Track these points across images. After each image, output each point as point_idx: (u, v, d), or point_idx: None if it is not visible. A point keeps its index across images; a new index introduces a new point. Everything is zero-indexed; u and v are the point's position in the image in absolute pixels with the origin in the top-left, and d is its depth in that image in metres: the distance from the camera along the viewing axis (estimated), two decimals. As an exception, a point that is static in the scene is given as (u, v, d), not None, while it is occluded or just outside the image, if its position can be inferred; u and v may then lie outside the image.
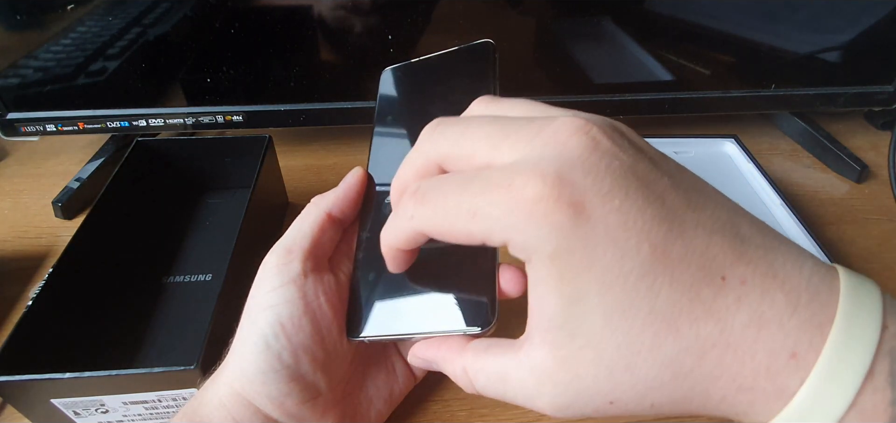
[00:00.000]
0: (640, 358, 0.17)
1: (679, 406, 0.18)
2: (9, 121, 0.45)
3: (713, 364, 0.16)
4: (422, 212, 0.19)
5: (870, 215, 0.47)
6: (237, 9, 0.42)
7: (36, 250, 0.42)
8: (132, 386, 0.27)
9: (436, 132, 0.21)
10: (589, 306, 0.17)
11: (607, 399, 0.18)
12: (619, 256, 0.16)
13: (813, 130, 0.53)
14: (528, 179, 0.17)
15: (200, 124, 0.47)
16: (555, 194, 0.16)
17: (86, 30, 0.42)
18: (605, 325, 0.17)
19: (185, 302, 0.36)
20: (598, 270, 0.16)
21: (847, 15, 0.45)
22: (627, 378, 0.17)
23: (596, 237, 0.16)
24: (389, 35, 0.43)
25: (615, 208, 0.16)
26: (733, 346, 0.16)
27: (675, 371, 0.17)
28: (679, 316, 0.16)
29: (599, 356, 0.17)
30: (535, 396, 0.19)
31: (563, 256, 0.17)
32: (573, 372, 0.18)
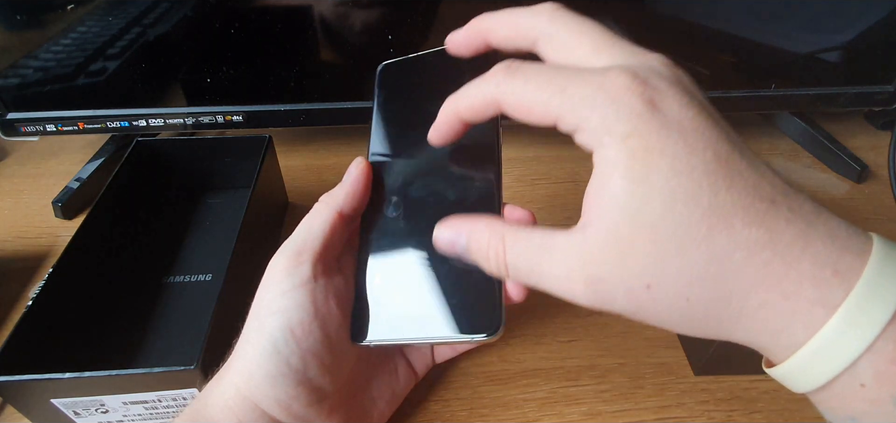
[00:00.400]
0: (693, 245, 0.18)
1: (713, 307, 0.18)
2: (9, 121, 0.45)
3: (761, 265, 0.17)
4: (510, 82, 0.21)
5: (870, 214, 0.47)
6: (237, 9, 0.42)
7: (36, 250, 0.42)
8: (132, 386, 0.27)
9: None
10: (653, 188, 0.18)
11: (645, 282, 0.18)
12: (688, 151, 0.18)
13: (813, 130, 0.53)
14: (620, 73, 0.19)
15: (200, 124, 0.47)
16: (640, 89, 0.18)
17: (86, 30, 0.42)
18: (665, 209, 0.18)
19: (185, 302, 0.36)
20: (668, 157, 0.18)
21: (847, 15, 0.45)
22: (675, 263, 0.18)
23: (669, 130, 0.18)
24: (389, 35, 0.43)
25: (689, 117, 0.18)
26: (781, 253, 0.17)
27: (723, 267, 0.18)
28: (734, 216, 0.17)
29: (654, 237, 0.18)
30: (573, 271, 0.19)
31: (637, 137, 0.18)
32: (623, 250, 0.18)
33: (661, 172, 0.18)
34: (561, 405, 0.32)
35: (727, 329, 0.19)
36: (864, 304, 0.17)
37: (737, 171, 0.18)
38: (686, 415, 0.31)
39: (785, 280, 0.17)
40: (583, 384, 0.33)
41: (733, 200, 0.18)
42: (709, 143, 0.18)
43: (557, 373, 0.34)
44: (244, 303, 0.25)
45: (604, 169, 0.19)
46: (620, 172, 0.18)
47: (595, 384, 0.33)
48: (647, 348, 0.35)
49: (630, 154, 0.18)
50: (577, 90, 0.19)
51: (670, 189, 0.18)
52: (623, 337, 0.36)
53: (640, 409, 0.32)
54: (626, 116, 0.18)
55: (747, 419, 0.31)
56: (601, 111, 0.18)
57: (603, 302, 0.20)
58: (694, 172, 0.18)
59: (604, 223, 0.19)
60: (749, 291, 0.18)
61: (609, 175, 0.19)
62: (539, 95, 0.20)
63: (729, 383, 0.33)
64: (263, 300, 0.24)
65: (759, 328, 0.18)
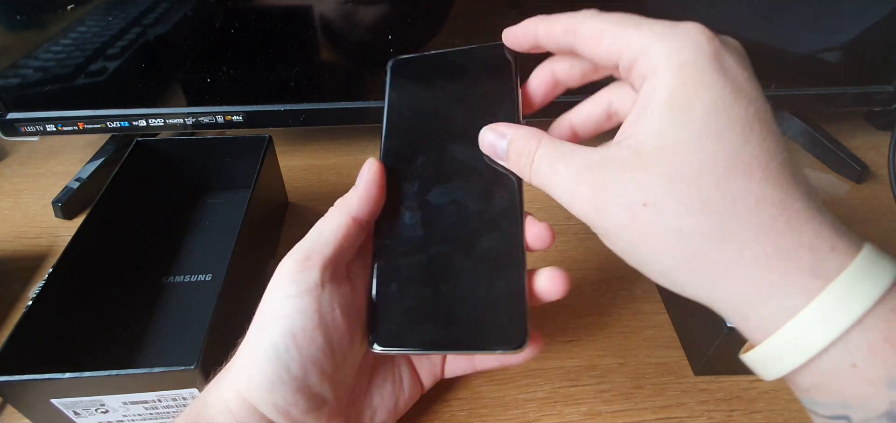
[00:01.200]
0: (708, 178, 0.18)
1: (705, 248, 0.19)
2: (9, 121, 0.45)
3: (766, 219, 0.18)
4: (594, 15, 0.22)
5: (870, 214, 0.47)
6: (237, 9, 0.42)
7: (36, 250, 0.42)
8: (132, 386, 0.27)
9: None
10: (691, 116, 0.19)
11: (644, 200, 0.19)
12: (734, 97, 0.19)
13: (813, 130, 0.53)
14: (695, 25, 0.20)
15: (200, 124, 0.47)
16: (711, 38, 0.20)
17: (86, 30, 0.42)
18: (693, 138, 0.19)
19: (185, 302, 0.36)
20: (714, 95, 0.19)
21: (847, 15, 0.45)
22: (682, 189, 0.19)
23: (724, 76, 0.19)
24: (389, 35, 0.43)
25: (744, 76, 0.20)
26: (788, 217, 0.18)
27: (728, 209, 0.18)
28: (755, 168, 0.18)
29: (672, 159, 0.19)
30: (583, 173, 0.21)
31: (692, 68, 0.19)
32: (636, 164, 0.20)
33: (703, 104, 0.19)
34: (561, 405, 0.32)
35: (709, 283, 0.19)
36: (860, 276, 0.17)
37: (771, 132, 0.19)
38: (686, 415, 0.31)
39: (785, 241, 0.18)
40: (583, 384, 0.33)
41: (759, 154, 0.18)
42: (752, 100, 0.19)
43: (557, 373, 0.34)
44: (244, 303, 0.25)
45: (649, 93, 0.20)
46: (665, 94, 0.19)
47: (595, 384, 0.33)
48: (647, 348, 0.35)
49: (681, 80, 0.19)
50: (654, 25, 0.20)
51: (705, 121, 0.19)
52: (623, 337, 0.36)
53: (640, 409, 0.32)
54: (690, 51, 0.19)
55: (747, 419, 0.31)
56: (669, 43, 0.20)
57: (597, 210, 0.20)
58: (731, 118, 0.19)
59: (630, 139, 0.20)
60: (748, 241, 0.18)
61: (650, 97, 0.20)
62: (615, 26, 0.21)
63: (729, 383, 0.33)
64: (269, 303, 0.24)
65: (744, 289, 0.19)
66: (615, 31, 0.21)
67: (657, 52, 0.20)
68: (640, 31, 0.20)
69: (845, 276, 0.17)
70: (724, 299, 0.19)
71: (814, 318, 0.17)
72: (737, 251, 0.18)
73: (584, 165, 0.21)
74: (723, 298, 0.19)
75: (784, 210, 0.18)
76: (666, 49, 0.20)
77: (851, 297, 0.17)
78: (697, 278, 0.20)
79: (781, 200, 0.18)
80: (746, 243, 0.18)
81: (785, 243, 0.18)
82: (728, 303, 0.19)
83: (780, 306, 0.18)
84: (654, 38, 0.20)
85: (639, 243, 0.20)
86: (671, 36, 0.20)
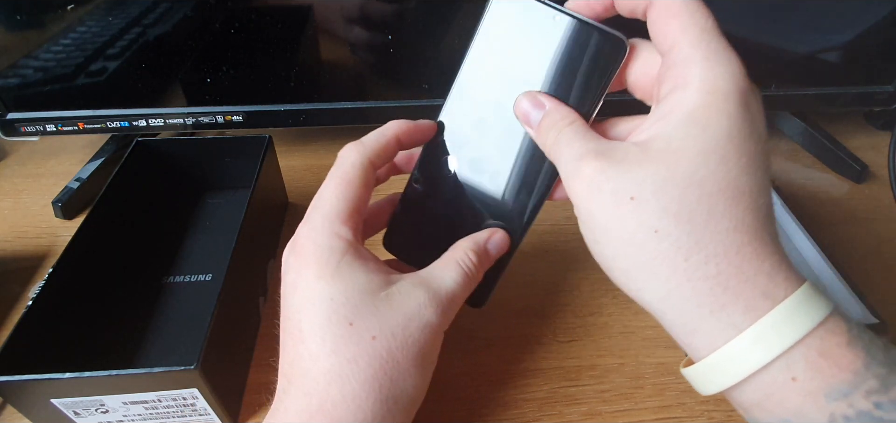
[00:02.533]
0: (699, 190, 0.20)
1: (673, 253, 0.20)
2: (9, 121, 0.45)
3: (736, 242, 0.19)
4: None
5: (870, 214, 0.47)
6: (237, 9, 0.42)
7: (36, 250, 0.42)
8: (132, 386, 0.27)
9: None
10: (707, 135, 0.20)
11: (632, 194, 0.20)
12: (748, 133, 0.20)
13: (813, 130, 0.53)
14: (735, 61, 0.21)
15: (200, 124, 0.47)
16: (743, 76, 0.20)
17: (86, 30, 0.42)
18: (702, 155, 0.20)
19: (185, 302, 0.36)
20: (732, 124, 0.20)
21: (847, 15, 0.45)
22: (672, 193, 0.20)
23: (745, 110, 0.20)
24: (389, 35, 0.43)
25: (761, 121, 0.21)
26: (755, 246, 0.20)
27: (707, 223, 0.19)
28: (742, 198, 0.20)
29: (675, 166, 0.20)
30: (589, 154, 0.21)
31: (722, 95, 0.20)
32: (640, 160, 0.20)
33: (721, 127, 0.20)
34: (561, 405, 0.32)
35: (666, 290, 0.20)
36: (804, 303, 0.19)
37: (767, 174, 0.21)
38: (686, 415, 0.31)
39: (747, 266, 0.19)
40: (583, 384, 0.33)
41: (751, 188, 0.20)
42: (762, 141, 0.20)
43: (557, 373, 0.34)
44: (244, 303, 0.25)
45: (674, 104, 0.21)
46: (688, 108, 0.20)
47: (595, 384, 0.33)
48: (647, 348, 0.35)
49: (707, 103, 0.20)
50: (710, 43, 0.21)
51: (717, 142, 0.20)
52: (623, 337, 0.36)
53: (640, 409, 0.32)
54: (725, 82, 0.20)
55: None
56: (711, 68, 0.20)
57: (589, 191, 0.21)
58: (743, 148, 0.20)
59: (642, 135, 0.21)
60: (714, 256, 0.19)
61: (674, 107, 0.21)
62: (686, 19, 0.21)
63: (729, 383, 0.33)
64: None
65: (699, 300, 0.20)
66: (684, 24, 0.21)
67: (696, 72, 0.20)
68: (697, 39, 0.21)
69: (793, 298, 0.19)
70: (676, 307, 0.20)
71: (761, 333, 0.19)
72: (701, 263, 0.19)
73: (594, 148, 0.22)
74: (676, 306, 0.20)
75: (754, 240, 0.20)
76: (704, 72, 0.20)
77: (796, 317, 0.19)
78: (657, 281, 0.20)
79: (755, 232, 0.20)
80: (712, 257, 0.19)
81: (747, 267, 0.19)
82: (679, 312, 0.20)
83: (730, 321, 0.19)
84: (701, 56, 0.20)
85: (614, 234, 0.21)
86: (715, 62, 0.20)
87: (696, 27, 0.21)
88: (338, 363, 0.22)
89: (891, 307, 0.38)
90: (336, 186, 0.25)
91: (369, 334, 0.22)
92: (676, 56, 0.21)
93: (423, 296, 0.24)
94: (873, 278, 0.40)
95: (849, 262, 0.42)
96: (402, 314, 0.23)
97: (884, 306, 0.37)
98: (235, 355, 0.32)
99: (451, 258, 0.26)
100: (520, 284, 0.39)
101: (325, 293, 0.23)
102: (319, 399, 0.22)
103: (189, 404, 0.28)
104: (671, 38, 0.21)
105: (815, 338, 0.19)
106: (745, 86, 0.20)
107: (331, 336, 0.22)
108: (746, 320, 0.19)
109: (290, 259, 0.24)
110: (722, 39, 0.21)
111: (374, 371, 0.22)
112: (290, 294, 0.24)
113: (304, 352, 0.22)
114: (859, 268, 0.41)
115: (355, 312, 0.22)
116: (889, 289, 0.40)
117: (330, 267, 0.23)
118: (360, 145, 0.26)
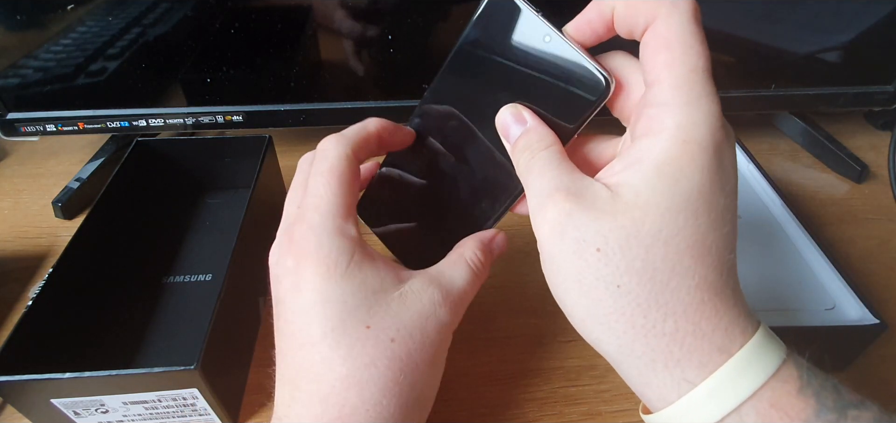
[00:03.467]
0: (663, 248, 0.19)
1: (632, 309, 0.19)
2: (9, 121, 0.45)
3: (696, 300, 0.19)
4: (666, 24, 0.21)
5: (870, 214, 0.47)
6: (237, 9, 0.42)
7: (36, 250, 0.42)
8: (132, 386, 0.27)
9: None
10: (676, 190, 0.19)
11: (598, 246, 0.20)
12: (719, 187, 0.19)
13: (813, 130, 0.53)
14: (713, 108, 0.20)
15: (200, 124, 0.47)
16: (719, 125, 0.20)
17: (86, 30, 0.42)
18: (670, 213, 0.19)
19: (185, 302, 0.36)
20: (703, 179, 0.19)
21: (847, 15, 0.45)
22: (636, 250, 0.19)
23: (718, 164, 0.19)
24: (389, 35, 0.43)
25: (732, 171, 0.20)
26: (715, 302, 0.19)
27: (669, 281, 0.19)
28: (708, 255, 0.19)
29: (642, 220, 0.19)
30: (558, 192, 0.21)
31: (696, 146, 0.19)
32: (608, 211, 0.20)
33: (691, 184, 0.19)
34: (561, 405, 0.32)
35: (622, 343, 0.20)
36: (757, 354, 0.19)
37: (734, 225, 0.20)
38: (686, 415, 0.31)
39: (706, 323, 0.19)
40: (583, 384, 0.33)
41: (718, 243, 0.19)
42: (731, 192, 0.20)
43: (557, 373, 0.34)
44: (244, 303, 0.25)
45: (646, 149, 0.20)
46: (659, 158, 0.19)
47: (595, 384, 0.33)
48: (647, 348, 0.35)
49: (679, 154, 0.19)
50: (692, 87, 0.19)
51: (686, 200, 0.19)
52: (623, 337, 0.36)
53: (640, 409, 0.32)
54: (699, 132, 0.19)
55: (747, 419, 0.31)
56: (687, 114, 0.19)
57: (552, 235, 0.21)
58: (713, 204, 0.19)
59: (612, 179, 0.20)
60: (673, 315, 0.19)
61: (646, 153, 0.20)
62: (677, 53, 0.20)
63: (729, 383, 0.33)
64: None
65: (654, 356, 0.20)
66: (672, 60, 0.20)
67: (672, 119, 0.19)
68: (680, 81, 0.20)
69: (745, 351, 0.19)
70: (631, 361, 0.20)
71: (714, 389, 0.19)
72: (659, 320, 0.19)
73: (565, 185, 0.21)
74: (631, 360, 0.20)
75: (715, 297, 0.19)
76: (680, 119, 0.19)
77: (749, 371, 0.19)
78: (613, 335, 0.20)
79: (716, 289, 0.19)
80: (671, 315, 0.19)
81: (705, 324, 0.19)
82: (635, 366, 0.20)
83: (683, 377, 0.19)
84: (681, 101, 0.19)
85: (573, 283, 0.20)
86: (694, 108, 0.19)
87: (684, 67, 0.20)
88: (355, 368, 0.21)
89: (891, 307, 0.38)
90: (328, 181, 0.23)
91: (388, 336, 0.22)
92: (656, 95, 0.20)
93: (438, 295, 0.23)
94: (873, 278, 0.40)
95: (849, 262, 0.42)
96: (418, 314, 0.22)
97: (884, 306, 0.37)
98: (235, 355, 0.32)
99: (460, 257, 0.25)
100: (520, 284, 0.39)
101: (337, 295, 0.22)
102: (338, 407, 0.21)
103: (189, 404, 0.28)
104: (655, 74, 0.20)
105: (767, 390, 0.19)
106: (720, 137, 0.19)
107: (346, 340, 0.21)
108: (700, 375, 0.19)
109: (287, 261, 0.23)
110: (707, 83, 0.20)
111: (394, 375, 0.21)
112: (291, 297, 0.22)
113: (315, 357, 0.21)
114: (859, 268, 0.41)
115: (371, 314, 0.22)
116: (889, 289, 0.40)
117: (340, 268, 0.22)
118: (342, 138, 0.25)
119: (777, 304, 0.34)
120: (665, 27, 0.20)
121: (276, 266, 0.24)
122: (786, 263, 0.37)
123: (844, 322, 0.32)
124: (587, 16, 0.22)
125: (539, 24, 0.23)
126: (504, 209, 0.26)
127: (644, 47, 0.21)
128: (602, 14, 0.22)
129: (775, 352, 0.19)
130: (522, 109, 0.24)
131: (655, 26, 0.20)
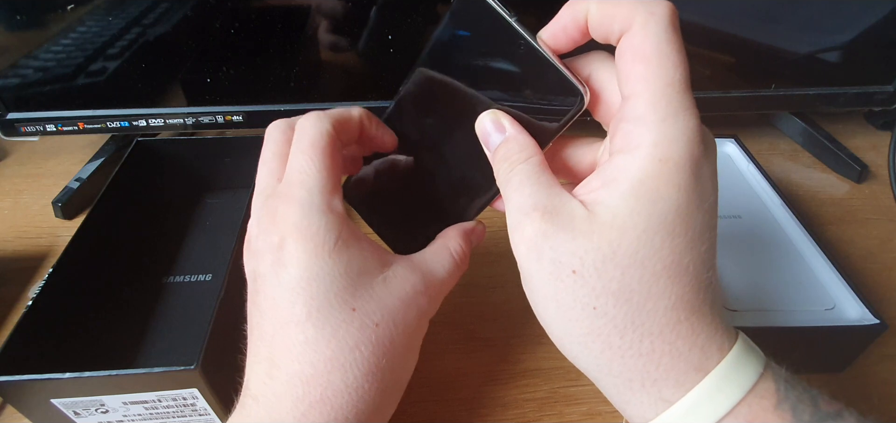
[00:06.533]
0: (639, 270, 0.19)
1: (608, 333, 0.19)
2: (9, 121, 0.45)
3: (673, 319, 0.19)
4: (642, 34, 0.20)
5: (870, 214, 0.47)
6: (237, 9, 0.42)
7: (36, 250, 0.42)
8: (132, 386, 0.27)
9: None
10: (653, 211, 0.19)
11: (574, 268, 0.19)
12: (696, 206, 0.19)
13: (813, 130, 0.53)
14: (692, 123, 0.19)
15: (200, 124, 0.47)
16: (698, 140, 0.19)
17: (86, 30, 0.42)
18: (646, 234, 0.19)
19: (185, 302, 0.36)
20: (680, 199, 0.19)
21: (847, 15, 0.45)
22: (612, 271, 0.19)
23: (696, 182, 0.19)
24: (389, 35, 0.43)
25: (711, 184, 0.20)
26: (692, 321, 0.19)
27: (646, 303, 0.19)
28: (685, 275, 0.19)
29: (619, 242, 0.19)
30: (537, 210, 0.20)
31: (673, 165, 0.19)
32: (584, 231, 0.19)
33: (668, 204, 0.19)
34: (561, 405, 0.32)
35: (600, 363, 0.20)
36: (734, 370, 0.19)
37: (713, 242, 0.20)
38: (686, 415, 0.31)
39: (682, 342, 0.19)
40: (583, 384, 0.33)
41: (695, 263, 0.19)
42: (709, 209, 0.20)
43: (557, 373, 0.34)
44: (244, 303, 0.25)
45: (623, 166, 0.19)
46: (637, 177, 0.19)
47: (595, 384, 0.33)
48: (647, 348, 0.35)
49: (657, 172, 0.19)
50: (671, 102, 0.19)
51: (663, 220, 0.19)
52: (623, 337, 0.36)
53: (640, 409, 0.32)
54: (677, 149, 0.19)
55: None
56: (665, 131, 0.19)
57: (529, 254, 0.20)
58: (690, 223, 0.19)
59: (589, 197, 0.20)
60: (649, 335, 0.19)
61: (623, 171, 0.19)
62: (657, 63, 0.19)
63: (729, 383, 0.33)
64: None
65: (631, 376, 0.19)
66: (648, 73, 0.19)
67: (648, 136, 0.19)
68: (657, 97, 0.19)
69: (722, 367, 0.19)
70: (610, 379, 0.20)
71: (690, 407, 0.19)
72: (636, 341, 0.19)
73: (543, 202, 0.20)
74: (610, 378, 0.20)
75: (691, 315, 0.19)
76: (657, 137, 0.19)
77: (726, 387, 0.19)
78: (590, 354, 0.20)
79: (693, 307, 0.19)
80: (647, 335, 0.19)
81: (681, 343, 0.19)
82: (614, 384, 0.20)
83: (660, 395, 0.19)
84: (658, 118, 0.19)
85: (550, 303, 0.20)
86: (671, 124, 0.19)
87: (660, 81, 0.19)
88: (340, 350, 0.21)
89: (891, 307, 0.38)
90: (313, 156, 0.22)
91: (373, 320, 0.22)
92: (632, 109, 0.19)
93: (419, 282, 0.23)
94: (873, 278, 0.40)
95: (849, 262, 0.42)
96: (401, 300, 0.22)
97: (884, 306, 0.37)
98: (235, 355, 0.32)
99: (444, 247, 0.25)
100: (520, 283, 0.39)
101: (325, 272, 0.21)
102: (320, 389, 0.21)
103: (189, 404, 0.28)
104: (631, 87, 0.20)
105: (744, 406, 0.18)
106: (697, 153, 0.19)
107: (332, 321, 0.21)
108: (677, 393, 0.19)
109: (271, 236, 0.22)
110: (685, 96, 0.19)
111: (377, 360, 0.21)
112: (274, 273, 0.22)
113: (298, 336, 0.21)
114: (859, 268, 0.41)
115: (356, 296, 0.21)
116: (889, 289, 0.40)
117: (328, 245, 0.21)
118: (324, 115, 0.24)
119: (777, 304, 0.34)
120: (641, 37, 0.19)
121: (257, 240, 0.23)
122: (786, 263, 0.37)
123: (844, 322, 0.32)
124: (562, 21, 0.22)
125: (513, 29, 0.22)
126: (485, 202, 0.26)
127: (620, 57, 0.20)
128: (576, 19, 0.21)
129: (752, 366, 0.19)
130: (502, 116, 0.23)
131: (631, 35, 0.19)
